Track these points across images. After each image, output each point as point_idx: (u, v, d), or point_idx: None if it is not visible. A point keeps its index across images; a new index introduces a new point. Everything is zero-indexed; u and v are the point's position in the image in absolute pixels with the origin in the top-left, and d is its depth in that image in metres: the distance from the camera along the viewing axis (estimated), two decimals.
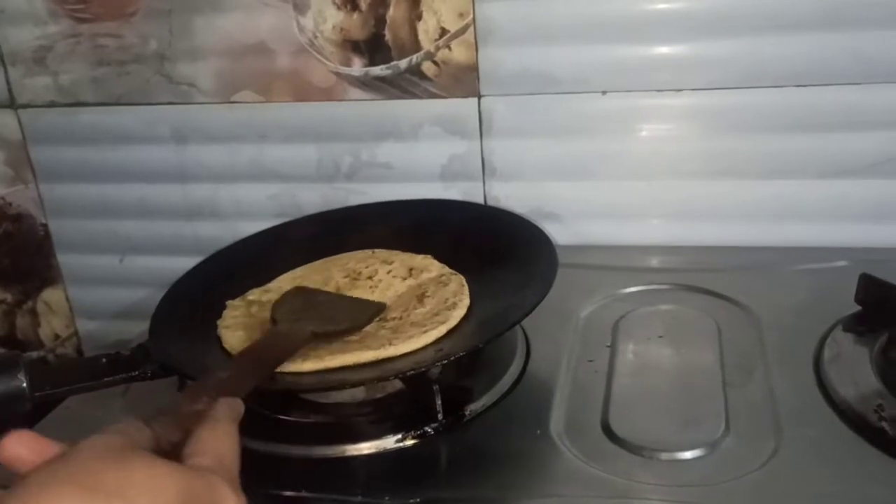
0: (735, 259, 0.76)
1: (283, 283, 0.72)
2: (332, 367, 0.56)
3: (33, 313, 1.02)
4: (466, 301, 0.64)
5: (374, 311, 0.64)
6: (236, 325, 0.65)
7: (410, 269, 0.70)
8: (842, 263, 0.73)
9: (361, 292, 0.68)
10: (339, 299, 0.67)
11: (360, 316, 0.63)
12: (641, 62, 0.76)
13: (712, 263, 0.76)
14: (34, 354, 1.04)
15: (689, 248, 0.80)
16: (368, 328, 0.62)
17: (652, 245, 0.80)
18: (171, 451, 0.37)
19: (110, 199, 0.94)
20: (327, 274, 0.72)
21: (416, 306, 0.64)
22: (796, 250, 0.76)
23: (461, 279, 0.68)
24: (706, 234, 0.79)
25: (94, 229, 0.96)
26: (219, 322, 0.66)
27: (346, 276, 0.71)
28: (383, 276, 0.70)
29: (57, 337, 1.03)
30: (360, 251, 0.74)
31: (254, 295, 0.70)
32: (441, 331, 0.60)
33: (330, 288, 0.70)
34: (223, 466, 0.37)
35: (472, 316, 0.63)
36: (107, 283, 0.98)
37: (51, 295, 1.01)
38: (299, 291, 0.67)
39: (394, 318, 0.64)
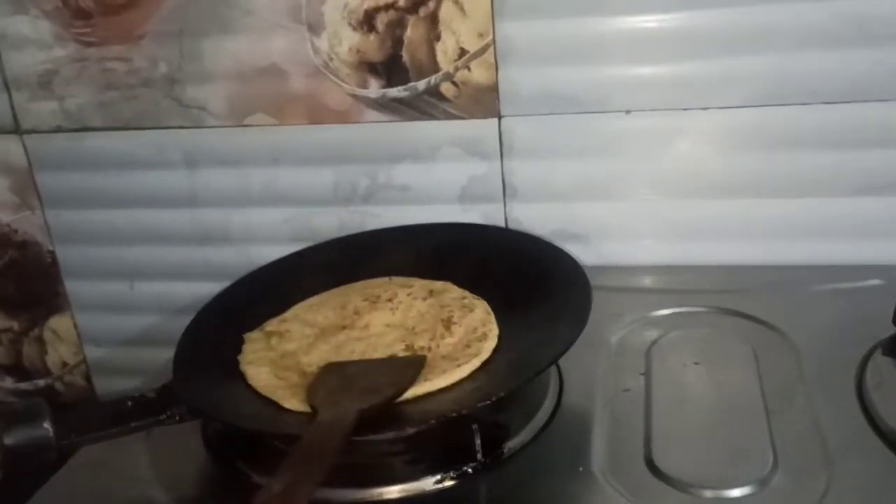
0: (764, 278, 0.75)
1: (300, 310, 0.70)
2: None
3: (40, 341, 1.00)
4: (496, 330, 0.63)
5: (416, 367, 0.59)
6: (259, 361, 0.63)
7: (430, 291, 0.69)
8: (875, 282, 0.72)
9: (382, 314, 0.67)
10: (374, 365, 0.61)
11: (402, 377, 0.57)
12: (666, 80, 0.74)
13: (742, 283, 0.74)
14: (41, 383, 1.02)
15: (717, 267, 0.78)
16: None
17: (679, 265, 0.79)
18: None
19: (119, 225, 0.92)
20: (345, 299, 0.70)
21: (444, 335, 0.63)
22: (828, 269, 0.75)
23: (485, 304, 0.67)
24: (735, 252, 0.78)
25: (103, 256, 0.94)
26: (240, 358, 0.64)
27: (364, 300, 0.69)
28: (403, 297, 0.69)
29: (65, 365, 1.01)
30: (377, 279, 0.73)
31: (271, 326, 0.68)
32: (475, 364, 0.59)
33: (348, 312, 0.68)
34: None
35: (502, 347, 0.62)
36: (115, 310, 0.96)
37: (58, 322, 0.99)
38: (331, 368, 0.61)
39: (422, 348, 0.62)
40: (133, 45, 0.83)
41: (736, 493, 0.51)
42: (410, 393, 0.56)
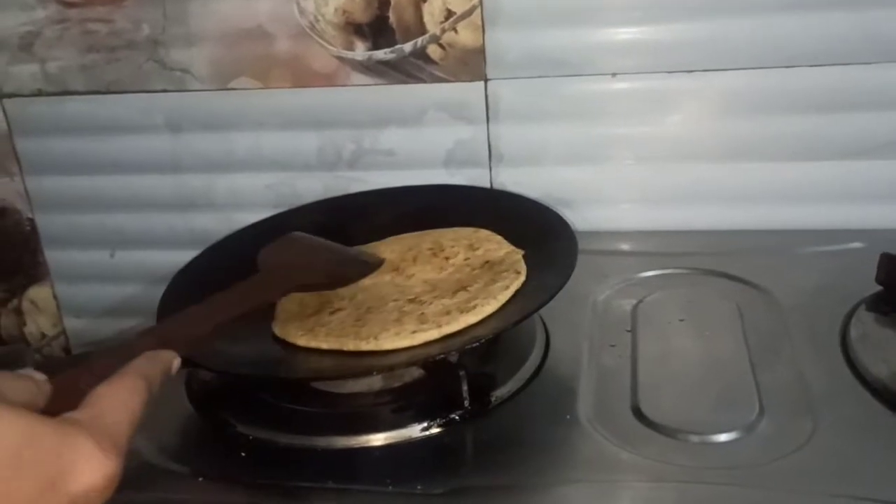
0: (749, 242, 0.75)
1: (371, 244, 0.70)
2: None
3: (18, 312, 0.99)
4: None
5: (364, 270, 0.64)
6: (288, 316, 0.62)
7: (487, 262, 0.64)
8: (857, 245, 0.72)
9: (430, 269, 0.64)
10: (330, 250, 0.66)
11: (346, 272, 0.63)
12: (652, 43, 0.74)
13: (726, 247, 0.75)
14: None
15: (702, 231, 0.79)
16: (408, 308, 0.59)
17: (664, 229, 0.79)
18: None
19: (100, 192, 0.90)
20: (419, 241, 0.68)
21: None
22: (811, 233, 0.76)
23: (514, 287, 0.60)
24: (719, 217, 0.78)
25: (84, 223, 0.92)
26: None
27: (430, 248, 0.67)
28: (459, 261, 0.65)
29: (43, 336, 0.99)
30: (467, 228, 0.69)
31: None
32: (431, 335, 0.55)
33: (408, 257, 0.66)
34: (99, 422, 0.33)
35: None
36: (96, 279, 0.95)
37: (37, 292, 0.97)
38: (294, 239, 0.66)
39: (422, 315, 0.58)
40: (116, 7, 0.82)
41: (723, 437, 0.51)
42: (374, 346, 0.55)
